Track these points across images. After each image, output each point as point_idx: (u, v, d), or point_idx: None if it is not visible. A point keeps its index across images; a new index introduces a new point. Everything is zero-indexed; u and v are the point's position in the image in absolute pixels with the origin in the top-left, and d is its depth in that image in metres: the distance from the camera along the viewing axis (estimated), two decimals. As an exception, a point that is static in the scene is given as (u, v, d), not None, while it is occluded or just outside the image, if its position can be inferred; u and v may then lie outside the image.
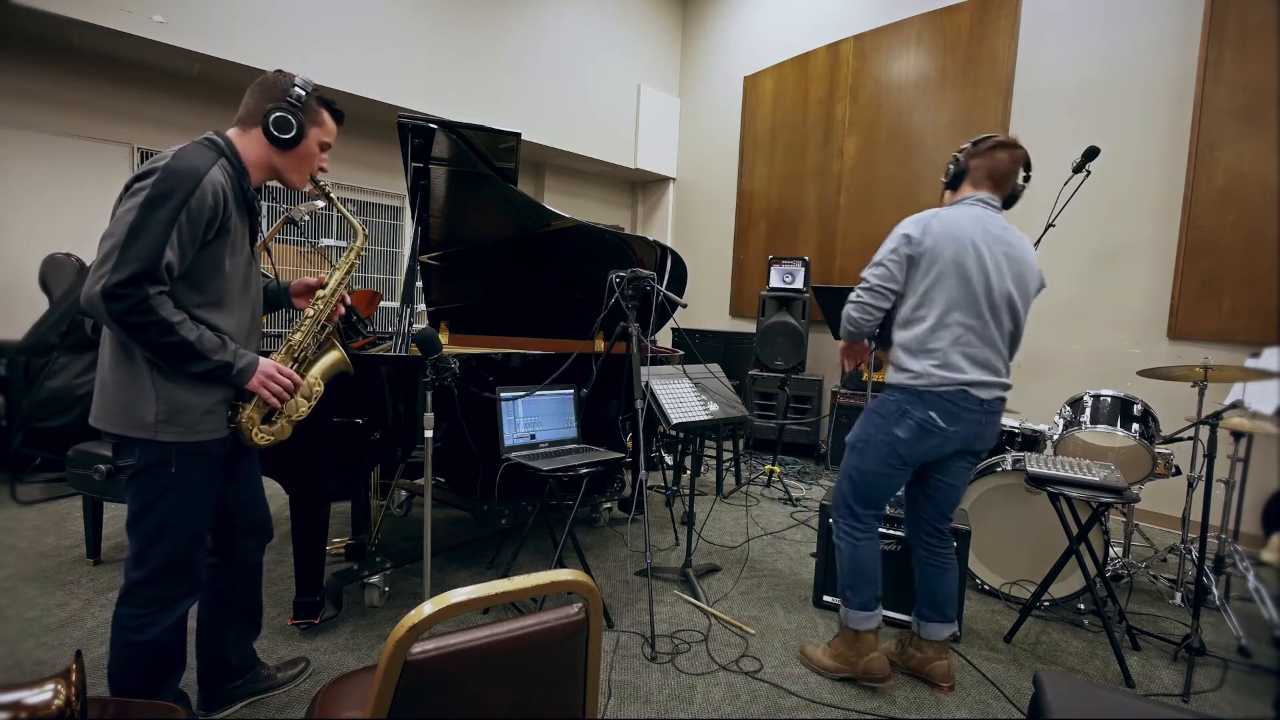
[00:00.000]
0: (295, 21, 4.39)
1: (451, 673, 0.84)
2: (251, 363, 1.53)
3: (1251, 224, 3.54)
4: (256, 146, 1.56)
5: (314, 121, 1.61)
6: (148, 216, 1.34)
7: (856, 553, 2.07)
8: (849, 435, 2.11)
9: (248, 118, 1.56)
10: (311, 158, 1.64)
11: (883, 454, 2.00)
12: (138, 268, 1.31)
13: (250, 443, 1.59)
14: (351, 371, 1.82)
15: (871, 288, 1.95)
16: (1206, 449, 2.51)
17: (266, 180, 1.63)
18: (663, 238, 7.21)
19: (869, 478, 2.04)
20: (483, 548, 3.08)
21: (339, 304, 1.79)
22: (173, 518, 1.50)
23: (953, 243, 1.89)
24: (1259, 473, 2.80)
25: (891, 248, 1.94)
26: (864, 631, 2.07)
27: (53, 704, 0.84)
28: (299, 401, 1.66)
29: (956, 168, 2.03)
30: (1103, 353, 4.09)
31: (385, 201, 5.82)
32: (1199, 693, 2.14)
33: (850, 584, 2.08)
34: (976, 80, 4.68)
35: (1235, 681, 2.20)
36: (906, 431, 1.95)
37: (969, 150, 2.02)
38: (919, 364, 1.92)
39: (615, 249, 3.15)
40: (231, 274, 1.53)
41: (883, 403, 2.02)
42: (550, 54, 5.99)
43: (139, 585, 1.51)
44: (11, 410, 3.58)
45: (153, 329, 1.35)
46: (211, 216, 1.42)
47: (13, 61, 4.02)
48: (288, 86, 1.55)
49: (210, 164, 1.44)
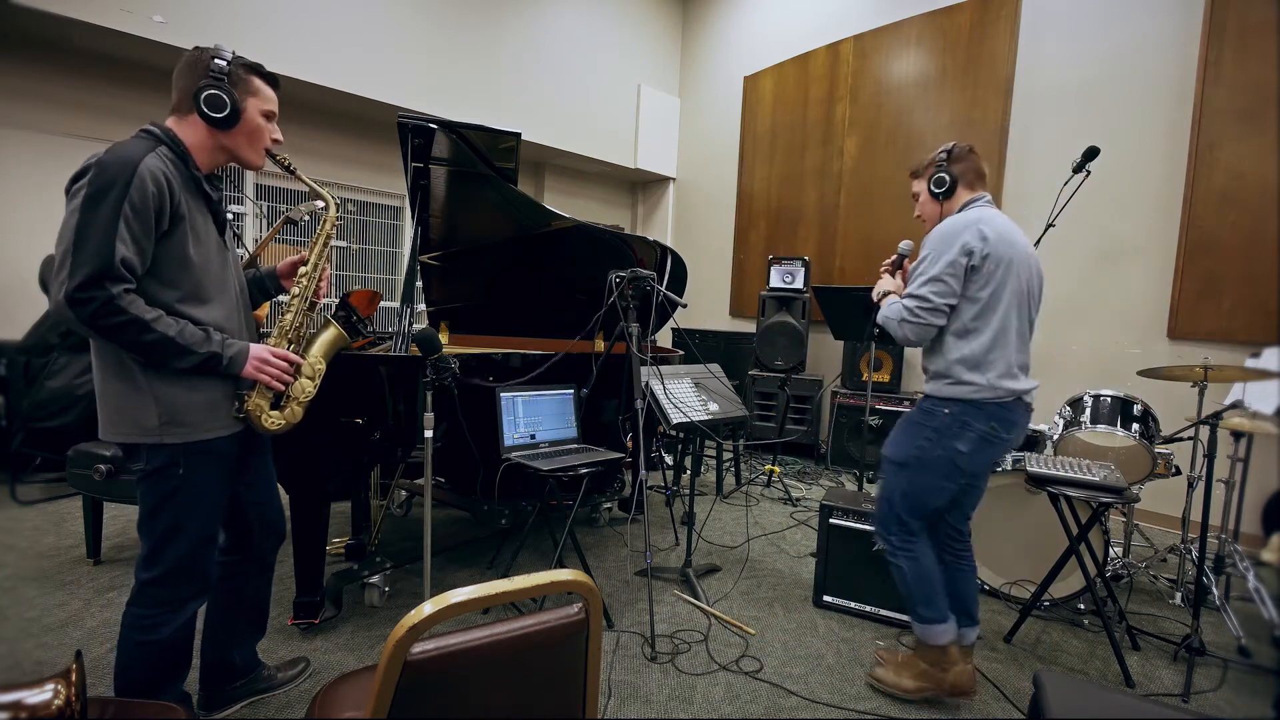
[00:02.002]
0: (295, 21, 4.39)
1: (451, 673, 0.84)
2: (242, 350, 1.50)
3: (1251, 224, 3.54)
4: (196, 131, 1.49)
5: (247, 92, 1.52)
6: (90, 215, 1.31)
7: (920, 566, 1.99)
8: (890, 451, 2.03)
9: (180, 104, 1.49)
10: (259, 130, 1.56)
11: (943, 469, 1.93)
12: (92, 268, 1.28)
13: (262, 429, 1.57)
14: (350, 345, 1.79)
15: (935, 307, 1.88)
16: (1206, 449, 2.51)
17: (219, 164, 1.56)
18: (663, 238, 7.20)
19: (924, 494, 1.97)
20: (483, 548, 3.08)
21: (324, 278, 1.76)
22: (184, 519, 1.50)
23: (1008, 249, 1.88)
24: (1259, 473, 2.80)
25: (949, 260, 1.86)
26: (947, 645, 1.99)
27: (53, 704, 0.84)
28: (304, 382, 1.64)
29: (949, 176, 2.02)
30: (1103, 353, 4.09)
31: (385, 201, 5.82)
32: (1199, 693, 2.14)
33: (922, 599, 1.98)
34: (976, 80, 4.68)
35: (1235, 681, 2.20)
36: (969, 445, 1.90)
37: (947, 158, 2.03)
38: (982, 377, 1.88)
39: (615, 249, 3.15)
40: (201, 264, 1.48)
41: (932, 415, 1.95)
42: (550, 54, 5.99)
43: (150, 586, 1.51)
44: (11, 410, 3.58)
45: (128, 328, 1.33)
46: (159, 205, 1.37)
47: (13, 61, 4.02)
48: (208, 61, 1.47)
49: (145, 152, 1.38)
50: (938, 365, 1.96)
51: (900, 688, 2.04)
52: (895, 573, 2.05)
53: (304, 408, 1.65)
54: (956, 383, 1.90)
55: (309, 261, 1.73)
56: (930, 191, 2.05)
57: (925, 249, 1.94)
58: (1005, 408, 1.90)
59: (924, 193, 2.08)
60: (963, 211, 1.98)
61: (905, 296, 1.94)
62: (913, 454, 1.97)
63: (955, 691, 1.99)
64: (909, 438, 2.00)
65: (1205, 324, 3.69)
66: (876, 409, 4.60)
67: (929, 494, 1.97)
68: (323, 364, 1.70)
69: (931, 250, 1.92)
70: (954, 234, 1.89)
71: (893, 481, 2.02)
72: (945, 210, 2.05)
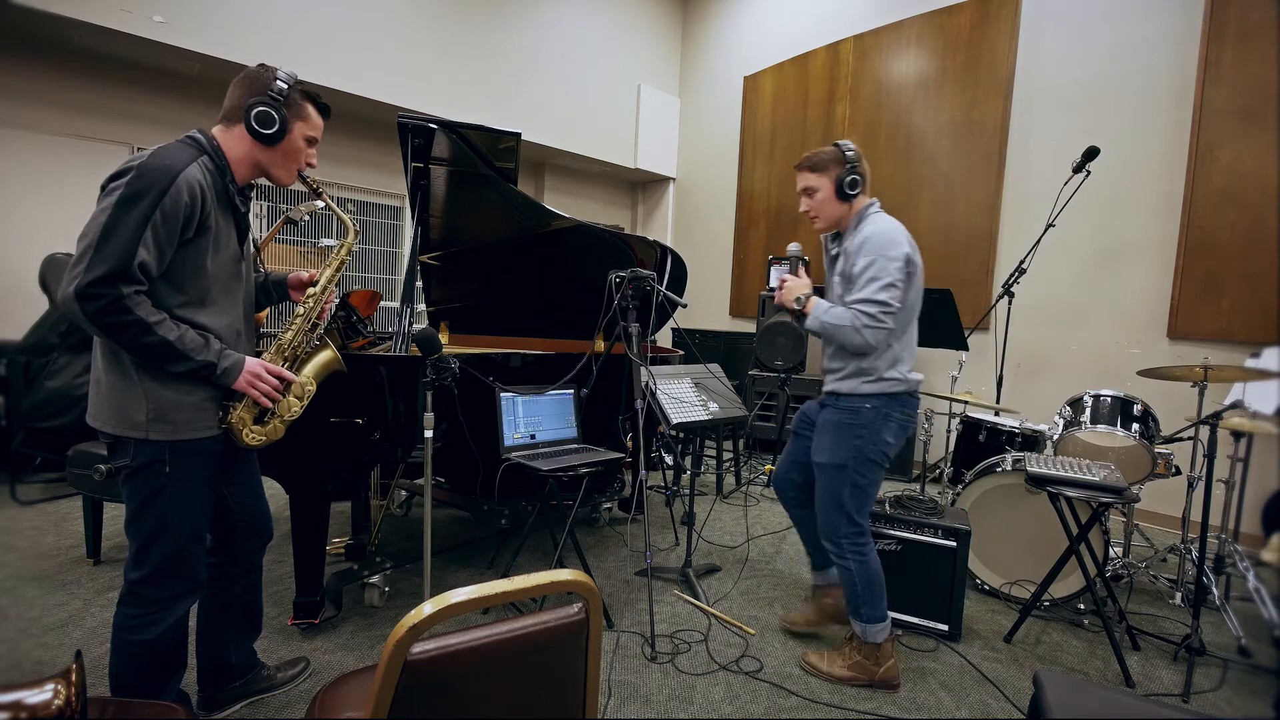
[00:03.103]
0: (295, 21, 4.39)
1: (451, 673, 0.84)
2: (237, 363, 1.51)
3: (1251, 224, 3.54)
4: (240, 143, 1.53)
5: (298, 116, 1.58)
6: (121, 216, 1.33)
7: (868, 567, 2.06)
8: (826, 457, 2.06)
9: (231, 113, 1.53)
10: (297, 153, 1.61)
11: (878, 460, 2.03)
12: (110, 267, 1.30)
13: (241, 444, 1.58)
14: (344, 369, 1.81)
15: (894, 312, 1.93)
16: (1206, 449, 2.50)
17: (254, 177, 1.61)
18: (663, 238, 7.21)
19: (869, 487, 2.05)
20: (483, 548, 3.08)
21: (329, 302, 1.78)
22: (170, 517, 1.50)
23: (918, 255, 2.01)
24: (1259, 473, 2.80)
25: (899, 266, 1.93)
26: (883, 642, 2.07)
27: (53, 704, 0.84)
28: (291, 401, 1.65)
29: (860, 178, 2.04)
30: (1103, 353, 4.09)
31: (385, 201, 5.82)
32: (1199, 693, 2.14)
33: (868, 599, 2.05)
34: (976, 80, 4.68)
35: (1235, 681, 2.20)
36: (893, 434, 2.04)
37: (855, 157, 2.05)
38: (898, 372, 2.02)
39: (615, 249, 3.15)
40: (215, 272, 1.51)
41: (857, 413, 2.02)
42: (550, 54, 5.99)
43: (139, 585, 1.51)
44: (11, 410, 3.58)
45: (130, 329, 1.34)
46: (189, 214, 1.40)
47: (13, 61, 4.02)
48: (270, 80, 1.52)
49: (188, 161, 1.41)
50: (860, 364, 2.02)
51: (831, 674, 2.12)
52: (843, 574, 2.09)
53: (286, 425, 1.65)
54: (879, 379, 2.01)
55: (318, 284, 1.75)
56: (842, 192, 2.04)
57: (866, 255, 1.95)
58: (913, 397, 2.07)
59: (827, 190, 2.05)
60: (870, 215, 2.04)
61: (861, 303, 1.92)
62: (850, 454, 2.03)
63: (886, 682, 2.07)
64: (841, 439, 2.05)
65: (1205, 324, 3.69)
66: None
67: (871, 486, 2.07)
68: (313, 385, 1.71)
69: (878, 256, 1.93)
70: (894, 242, 1.95)
71: (836, 485, 2.06)
72: (849, 211, 2.07)
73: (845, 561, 2.07)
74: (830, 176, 2.05)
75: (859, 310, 1.92)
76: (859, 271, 1.96)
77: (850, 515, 2.05)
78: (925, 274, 2.07)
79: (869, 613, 2.06)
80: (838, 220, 2.10)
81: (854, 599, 2.08)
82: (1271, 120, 3.47)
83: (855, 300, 1.94)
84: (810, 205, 2.11)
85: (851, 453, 2.02)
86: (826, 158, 2.06)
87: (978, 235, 4.64)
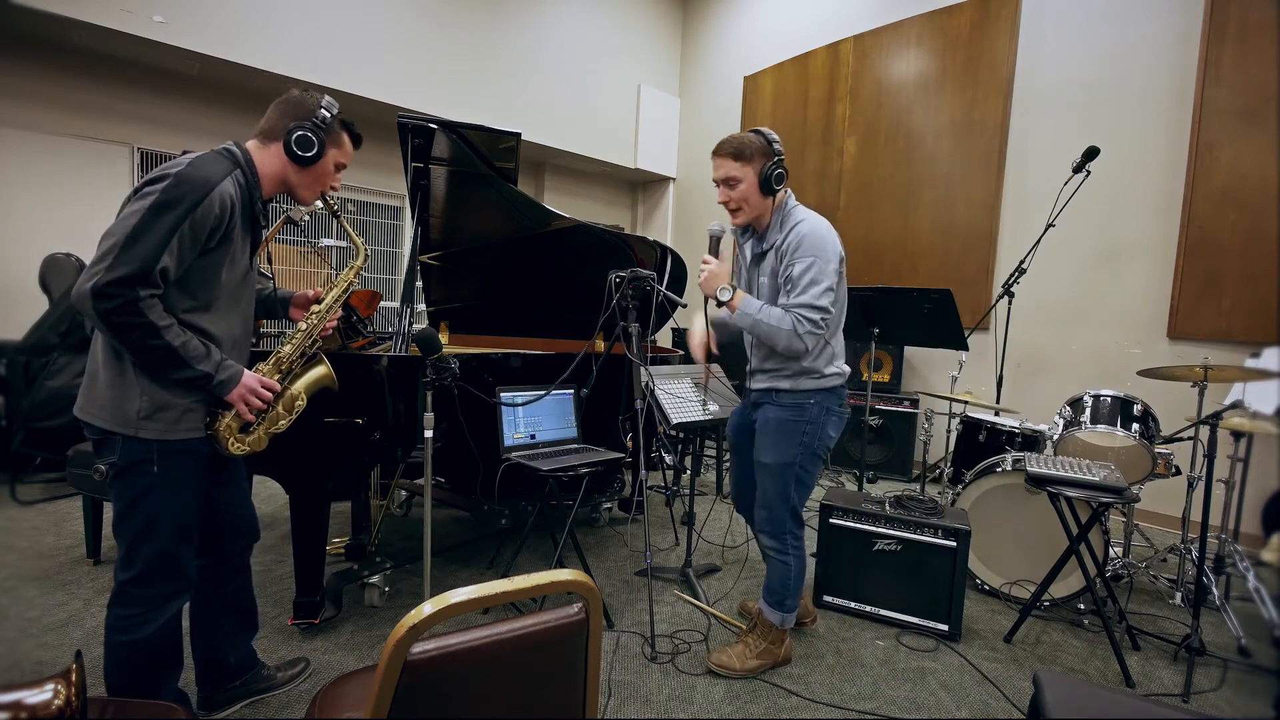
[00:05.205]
0: (295, 21, 4.39)
1: (451, 673, 0.84)
2: (234, 375, 1.53)
3: (1251, 224, 3.54)
4: (274, 161, 1.58)
5: (334, 143, 1.64)
6: (152, 220, 1.35)
7: (802, 562, 2.14)
8: (773, 456, 2.05)
9: (270, 132, 1.58)
10: (326, 176, 1.67)
11: (821, 455, 2.07)
12: (132, 269, 1.32)
13: (226, 452, 1.59)
14: (336, 388, 1.82)
15: (831, 315, 1.92)
16: (1206, 449, 2.50)
17: (278, 193, 1.65)
18: (663, 238, 7.21)
19: (811, 480, 2.10)
20: (483, 548, 3.08)
21: (331, 322, 1.80)
22: (159, 516, 1.50)
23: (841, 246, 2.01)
24: (1259, 473, 2.80)
25: (835, 269, 1.92)
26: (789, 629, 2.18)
27: (53, 704, 0.84)
28: (279, 413, 1.66)
29: (785, 171, 1.99)
30: (1103, 353, 4.09)
31: (385, 201, 5.82)
32: (1199, 693, 2.14)
33: (795, 591, 2.13)
34: (976, 80, 4.68)
35: (1235, 681, 2.20)
36: (834, 428, 2.08)
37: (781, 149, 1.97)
38: (834, 367, 2.05)
39: (615, 249, 3.15)
40: (226, 283, 1.54)
41: (802, 410, 2.02)
42: (550, 54, 5.99)
43: (129, 585, 1.51)
44: (11, 410, 3.58)
45: (138, 331, 1.36)
46: (216, 226, 1.44)
47: (13, 61, 4.02)
48: (314, 107, 1.59)
49: (224, 175, 1.46)
50: (802, 363, 2.00)
51: (746, 670, 2.12)
52: (779, 569, 2.12)
53: (270, 437, 1.66)
54: (820, 376, 2.02)
55: (323, 302, 1.77)
56: (767, 186, 1.95)
57: (805, 256, 1.89)
58: (845, 388, 2.11)
59: (751, 182, 1.95)
60: (793, 210, 2.02)
61: (803, 307, 1.87)
62: (797, 451, 2.03)
63: (784, 662, 2.18)
64: (788, 439, 2.04)
65: (1205, 324, 3.69)
66: (876, 409, 4.61)
67: (813, 480, 2.10)
68: (304, 400, 1.72)
69: (814, 257, 1.89)
70: (830, 242, 1.94)
71: (781, 483, 2.06)
72: (779, 200, 2.03)
73: (786, 557, 2.10)
74: (755, 168, 1.94)
75: (801, 315, 1.86)
76: (799, 273, 1.89)
77: (795, 511, 2.09)
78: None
79: (792, 604, 2.12)
80: (760, 214, 2.03)
81: (782, 592, 2.11)
82: (1271, 120, 3.47)
83: (797, 304, 1.88)
84: (731, 197, 1.99)
85: (799, 449, 2.03)
86: (753, 147, 1.94)
87: (978, 235, 4.63)
